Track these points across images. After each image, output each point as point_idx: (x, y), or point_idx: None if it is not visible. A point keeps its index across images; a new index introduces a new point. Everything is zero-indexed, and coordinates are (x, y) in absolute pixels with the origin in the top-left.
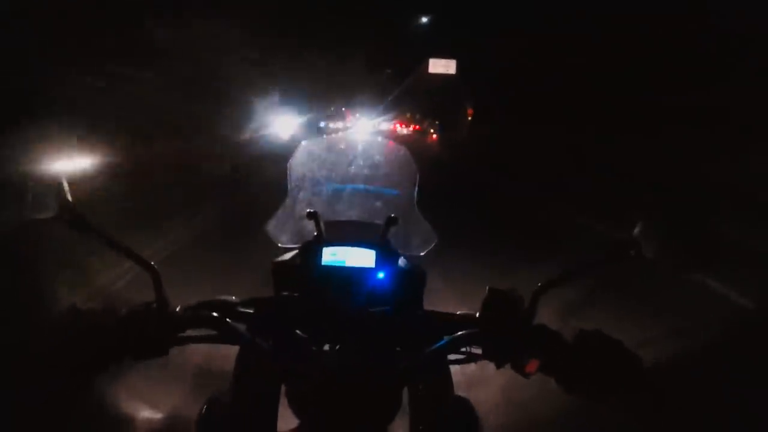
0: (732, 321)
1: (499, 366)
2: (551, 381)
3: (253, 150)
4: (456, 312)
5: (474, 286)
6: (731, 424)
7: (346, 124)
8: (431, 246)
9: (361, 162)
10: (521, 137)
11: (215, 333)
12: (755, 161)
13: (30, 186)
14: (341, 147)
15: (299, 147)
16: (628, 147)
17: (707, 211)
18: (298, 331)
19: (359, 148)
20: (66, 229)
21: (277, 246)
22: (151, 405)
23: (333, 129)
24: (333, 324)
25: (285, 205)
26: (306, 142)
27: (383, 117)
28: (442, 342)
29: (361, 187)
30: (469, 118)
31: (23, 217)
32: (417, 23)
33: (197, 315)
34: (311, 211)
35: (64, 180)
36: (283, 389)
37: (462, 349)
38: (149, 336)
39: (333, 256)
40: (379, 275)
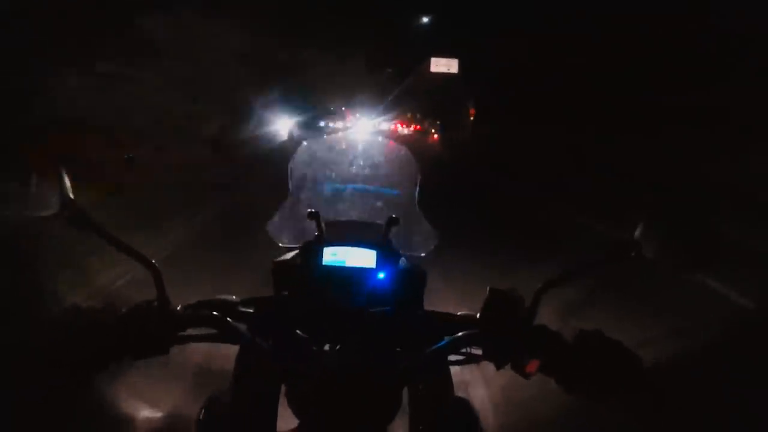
0: (732, 321)
1: (500, 367)
2: (551, 381)
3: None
4: (456, 312)
5: (474, 285)
6: (731, 424)
7: (346, 123)
8: (432, 247)
9: (362, 162)
10: (521, 137)
11: (216, 332)
12: (755, 161)
13: (32, 183)
14: (342, 147)
15: (300, 147)
16: (628, 147)
17: (707, 212)
18: (298, 331)
19: (360, 148)
20: (66, 226)
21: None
22: (151, 404)
23: (333, 129)
24: (333, 324)
25: (286, 205)
26: (307, 142)
27: (384, 117)
28: (442, 342)
29: (362, 187)
30: (472, 118)
31: (25, 215)
32: (417, 23)
33: (198, 314)
34: (312, 211)
35: (65, 176)
36: (283, 389)
37: (462, 350)
38: (150, 334)
39: (334, 256)
40: (380, 275)
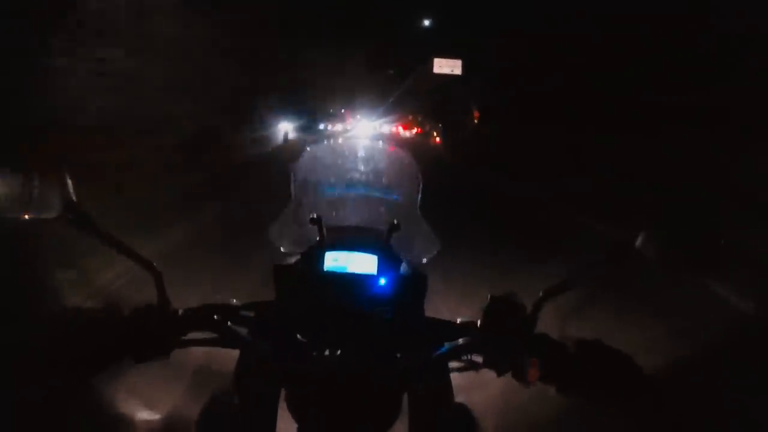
0: (732, 326)
1: (500, 374)
2: (551, 388)
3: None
4: (457, 319)
5: (474, 287)
6: (731, 429)
7: (346, 126)
8: (434, 253)
9: (365, 168)
10: (521, 137)
11: (216, 336)
12: (755, 161)
13: (34, 184)
14: (344, 152)
15: (303, 153)
16: (628, 147)
17: (708, 213)
18: (298, 336)
19: (362, 153)
20: (67, 228)
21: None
22: (152, 405)
23: (332, 131)
24: (334, 329)
25: (287, 210)
26: (309, 147)
27: (384, 119)
28: (443, 349)
29: (364, 193)
30: (476, 121)
31: (27, 217)
32: (417, 23)
33: (199, 317)
34: (314, 217)
35: (68, 178)
36: (283, 394)
37: (462, 357)
38: (151, 337)
39: (335, 261)
40: (381, 281)
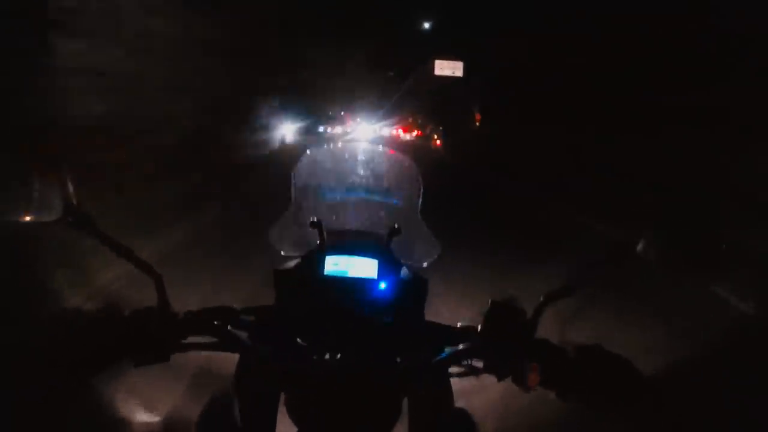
0: (732, 326)
1: (500, 379)
2: (551, 393)
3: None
4: (457, 323)
5: (474, 288)
6: (731, 430)
7: (345, 128)
8: (434, 257)
9: (366, 172)
10: (521, 137)
11: (216, 340)
12: (755, 161)
13: (35, 187)
14: (345, 156)
15: (303, 156)
16: (628, 147)
17: (708, 214)
18: (298, 340)
19: (363, 157)
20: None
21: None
22: (152, 407)
23: (332, 134)
24: (334, 333)
25: (288, 214)
26: (309, 151)
27: (384, 122)
28: (443, 354)
29: (365, 197)
30: (477, 123)
31: (27, 219)
32: (418, 24)
33: (199, 321)
34: (314, 221)
35: (69, 181)
36: (283, 398)
37: (463, 362)
38: (150, 341)
39: (335, 266)
40: (381, 285)
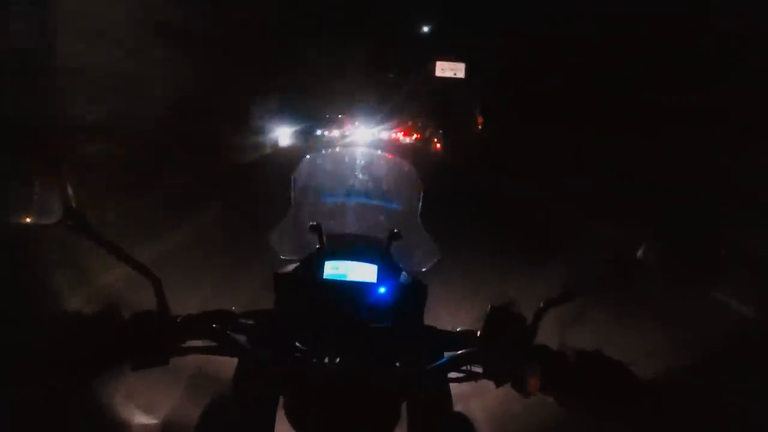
0: (732, 330)
1: (499, 385)
2: (550, 398)
3: None
4: (456, 328)
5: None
6: None
7: (344, 132)
8: (434, 262)
9: (365, 176)
10: (521, 137)
11: (215, 344)
12: (755, 161)
13: (35, 189)
14: (344, 160)
15: (302, 160)
16: (628, 147)
17: (708, 216)
18: (297, 344)
19: (363, 162)
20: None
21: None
22: (151, 409)
23: (330, 138)
24: (333, 337)
25: (287, 217)
26: (309, 155)
27: (384, 125)
28: (442, 360)
29: (364, 201)
30: (480, 126)
31: (27, 221)
32: (418, 24)
33: (198, 325)
34: (314, 224)
35: (68, 184)
36: (282, 402)
37: (462, 367)
38: (149, 344)
39: (335, 270)
40: (381, 290)
